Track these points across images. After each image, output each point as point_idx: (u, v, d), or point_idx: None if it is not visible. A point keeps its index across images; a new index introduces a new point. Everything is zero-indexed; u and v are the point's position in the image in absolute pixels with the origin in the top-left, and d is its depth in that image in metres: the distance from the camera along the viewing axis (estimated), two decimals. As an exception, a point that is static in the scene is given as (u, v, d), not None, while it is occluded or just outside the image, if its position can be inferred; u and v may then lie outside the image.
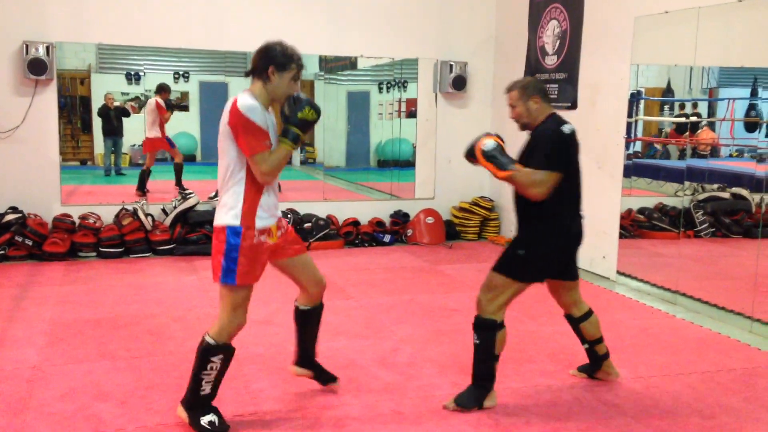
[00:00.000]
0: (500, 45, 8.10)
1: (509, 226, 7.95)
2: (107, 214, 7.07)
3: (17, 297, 5.33)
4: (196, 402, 3.15)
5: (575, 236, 3.51)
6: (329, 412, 3.43)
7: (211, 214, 7.19)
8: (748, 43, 5.87)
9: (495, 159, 3.37)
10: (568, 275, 3.69)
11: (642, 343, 4.57)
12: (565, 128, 3.42)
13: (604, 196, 6.37)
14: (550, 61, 7.09)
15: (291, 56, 3.07)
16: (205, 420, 3.13)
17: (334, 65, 9.67)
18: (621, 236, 6.34)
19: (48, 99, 6.84)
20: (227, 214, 3.04)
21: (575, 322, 3.77)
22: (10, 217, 6.59)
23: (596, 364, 3.85)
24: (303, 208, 7.79)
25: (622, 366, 4.13)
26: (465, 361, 4.17)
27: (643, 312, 5.35)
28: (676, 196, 6.56)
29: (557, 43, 6.97)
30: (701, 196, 6.59)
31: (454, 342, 4.49)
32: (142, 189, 8.88)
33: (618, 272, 6.27)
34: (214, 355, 3.08)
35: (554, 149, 3.36)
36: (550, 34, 7.09)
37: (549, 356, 4.26)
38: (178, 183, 9.17)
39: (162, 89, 9.48)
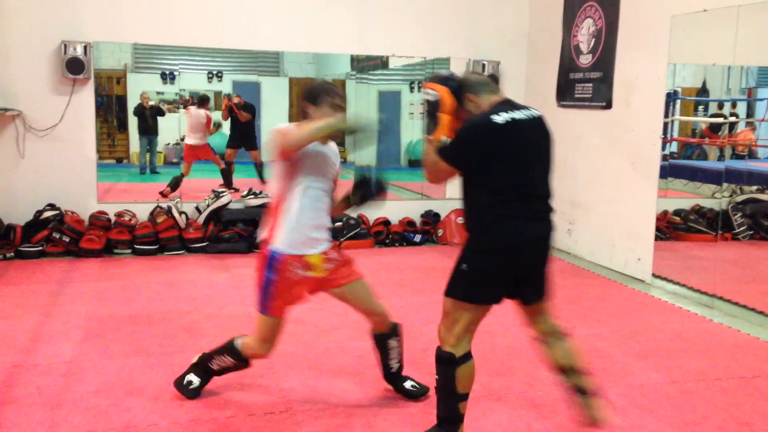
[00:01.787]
0: (533, 44, 8.03)
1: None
2: (142, 212, 7.19)
3: (54, 292, 5.44)
4: (200, 369, 3.46)
5: (518, 246, 2.82)
6: (359, 411, 3.43)
7: (243, 212, 7.28)
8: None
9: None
10: (521, 294, 2.97)
11: (677, 348, 4.49)
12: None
13: (638, 198, 6.28)
14: (585, 59, 7.00)
15: (323, 90, 3.19)
16: (187, 378, 3.46)
17: (366, 65, 9.67)
18: (656, 238, 6.23)
19: (85, 98, 6.96)
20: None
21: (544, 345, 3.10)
22: (48, 213, 6.73)
23: (583, 402, 3.03)
24: (334, 207, 7.81)
25: (656, 370, 4.06)
26: (494, 364, 4.15)
27: (678, 315, 5.26)
28: (714, 198, 6.43)
29: (592, 42, 6.89)
30: (739, 198, 6.45)
31: (483, 344, 4.45)
32: (174, 189, 8.98)
33: (653, 275, 6.16)
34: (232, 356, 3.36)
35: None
36: (585, 32, 7.00)
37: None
38: (229, 185, 9.16)
39: (204, 100, 9.91)
